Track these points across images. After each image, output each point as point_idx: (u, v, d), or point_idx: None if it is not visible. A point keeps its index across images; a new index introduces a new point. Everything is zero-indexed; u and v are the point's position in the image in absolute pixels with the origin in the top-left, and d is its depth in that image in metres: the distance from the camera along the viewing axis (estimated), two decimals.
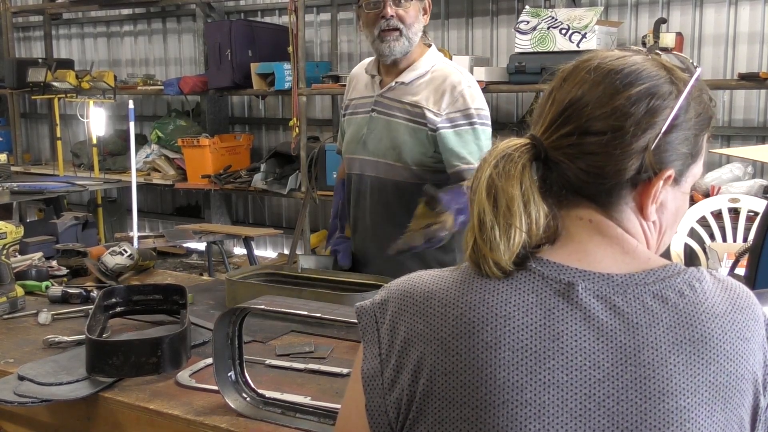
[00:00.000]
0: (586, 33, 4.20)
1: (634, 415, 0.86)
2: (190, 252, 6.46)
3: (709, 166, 4.50)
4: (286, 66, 5.44)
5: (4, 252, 2.12)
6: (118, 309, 1.97)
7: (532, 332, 0.88)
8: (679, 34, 4.22)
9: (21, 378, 1.62)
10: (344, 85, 2.62)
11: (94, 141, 6.12)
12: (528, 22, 4.38)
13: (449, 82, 2.24)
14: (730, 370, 0.90)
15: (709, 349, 0.89)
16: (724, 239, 3.66)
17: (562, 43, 4.27)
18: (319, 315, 1.45)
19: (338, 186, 2.61)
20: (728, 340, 0.90)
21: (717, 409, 0.88)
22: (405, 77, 2.28)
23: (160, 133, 6.22)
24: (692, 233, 3.69)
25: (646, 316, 0.89)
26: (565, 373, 0.87)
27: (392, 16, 2.20)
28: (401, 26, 2.21)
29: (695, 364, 0.88)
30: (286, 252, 5.85)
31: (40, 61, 6.81)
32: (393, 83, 2.29)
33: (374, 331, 0.98)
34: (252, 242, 4.70)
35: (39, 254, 2.56)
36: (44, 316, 2.03)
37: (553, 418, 0.86)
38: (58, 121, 6.47)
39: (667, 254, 4.16)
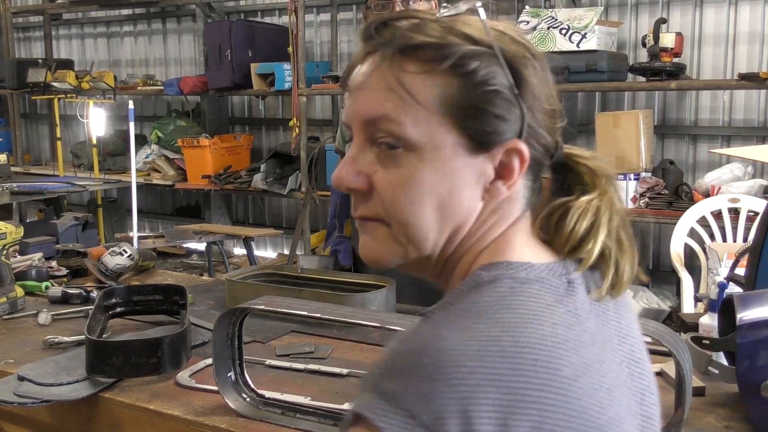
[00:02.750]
0: (586, 33, 4.20)
1: (635, 386, 0.81)
2: (190, 252, 6.46)
3: (709, 166, 4.51)
4: (286, 66, 5.44)
5: (4, 252, 2.12)
6: (118, 309, 1.96)
7: (593, 346, 0.73)
8: (679, 34, 4.22)
9: (21, 378, 1.61)
10: None
11: (94, 141, 6.13)
12: (528, 22, 4.38)
13: None
14: None
15: None
16: (724, 239, 3.66)
17: (562, 43, 4.27)
18: (319, 315, 1.45)
19: None
20: None
21: None
22: None
23: (160, 134, 6.22)
24: (692, 233, 3.69)
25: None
26: (614, 377, 0.75)
27: None
28: None
29: None
30: (286, 252, 5.85)
31: (40, 61, 6.81)
32: None
33: None
34: (252, 242, 4.70)
35: (39, 255, 2.56)
36: (44, 317, 2.03)
37: (629, 426, 0.74)
38: (58, 122, 6.48)
39: (667, 254, 4.17)
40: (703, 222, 3.71)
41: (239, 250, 6.32)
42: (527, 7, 4.60)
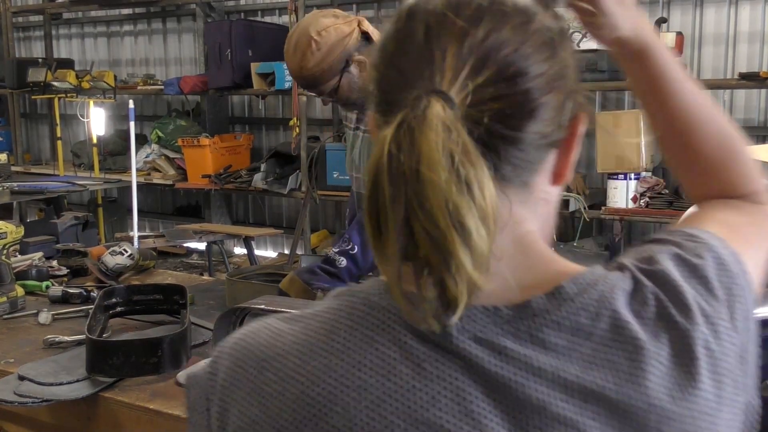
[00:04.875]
0: (586, 33, 4.20)
1: None
2: (190, 252, 6.46)
3: None
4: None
5: (5, 252, 2.12)
6: (119, 309, 1.96)
7: (397, 402, 0.62)
8: (679, 34, 4.22)
9: (21, 378, 1.62)
10: None
11: (95, 141, 6.12)
12: None
13: None
14: None
15: None
16: None
17: None
18: None
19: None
20: None
21: None
22: None
23: (160, 133, 6.22)
24: None
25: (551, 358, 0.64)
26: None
27: (329, 102, 2.22)
28: (341, 102, 2.19)
29: None
30: (287, 252, 5.85)
31: (40, 61, 6.80)
32: None
33: (204, 415, 0.71)
34: (252, 242, 4.70)
35: (39, 254, 2.56)
36: (44, 316, 2.03)
37: None
38: (58, 121, 6.47)
39: None
40: None
41: (239, 250, 6.32)
42: None
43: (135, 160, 3.39)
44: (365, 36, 2.15)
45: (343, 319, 0.67)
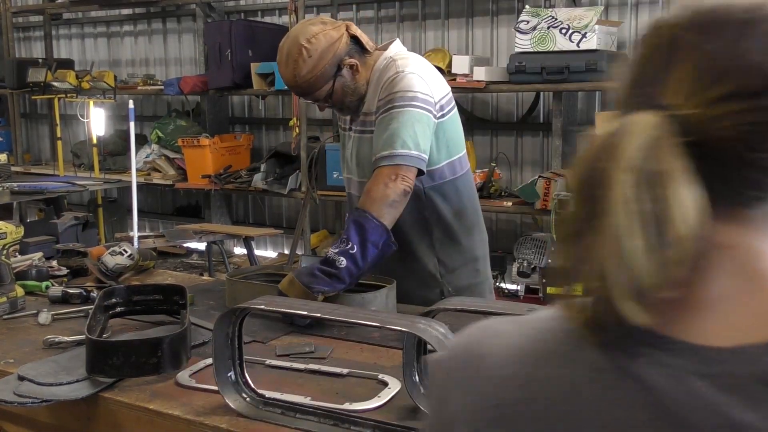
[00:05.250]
0: (586, 33, 4.20)
1: None
2: (190, 252, 6.46)
3: None
4: None
5: (5, 252, 2.12)
6: (118, 309, 1.96)
7: (580, 422, 0.62)
8: None
9: (21, 378, 1.61)
10: None
11: (95, 141, 6.12)
12: (528, 22, 4.38)
13: (382, 78, 2.14)
14: None
15: None
16: None
17: (562, 43, 4.26)
18: (319, 315, 1.45)
19: None
20: None
21: None
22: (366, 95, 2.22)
23: (160, 133, 6.22)
24: None
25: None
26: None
27: (325, 107, 2.26)
28: (336, 106, 2.22)
29: None
30: (287, 252, 5.85)
31: (40, 61, 6.80)
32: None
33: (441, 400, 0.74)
34: (252, 242, 4.70)
35: (39, 254, 2.56)
36: (44, 317, 2.03)
37: None
38: (58, 121, 6.47)
39: None
40: None
41: (239, 250, 6.32)
42: (527, 6, 4.60)
43: (135, 160, 3.39)
44: (355, 39, 2.17)
45: (550, 330, 0.67)
